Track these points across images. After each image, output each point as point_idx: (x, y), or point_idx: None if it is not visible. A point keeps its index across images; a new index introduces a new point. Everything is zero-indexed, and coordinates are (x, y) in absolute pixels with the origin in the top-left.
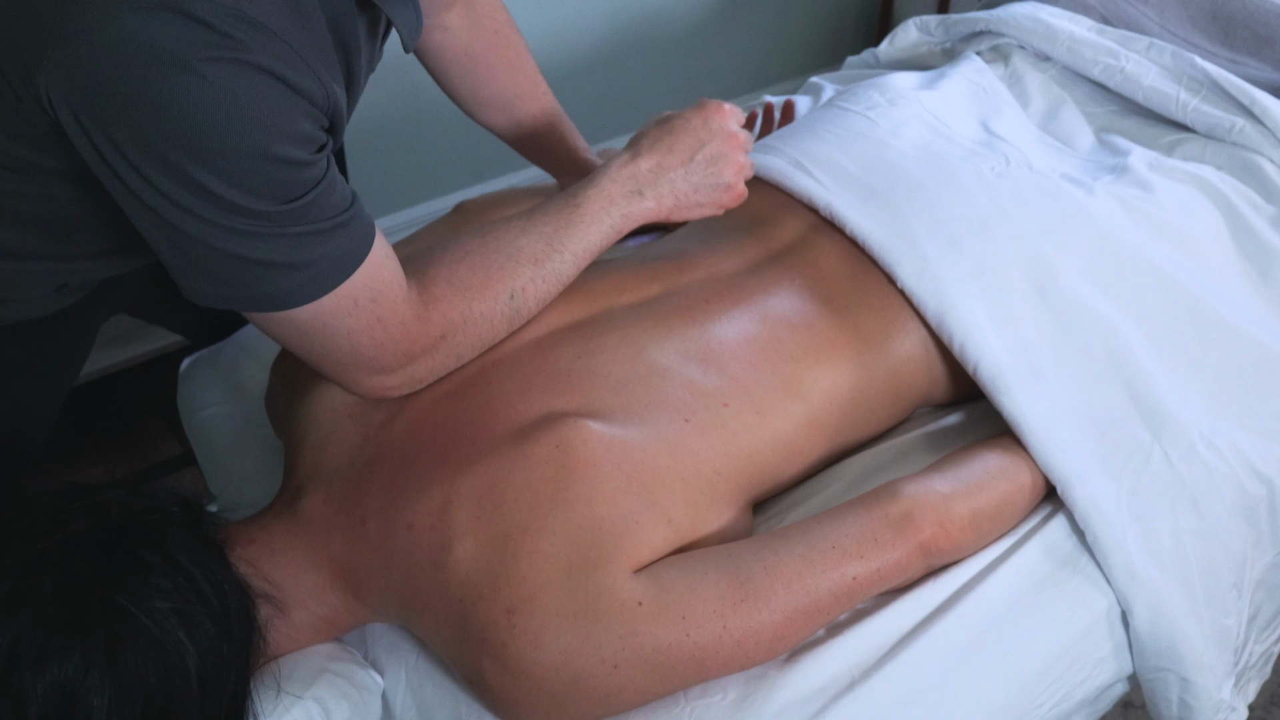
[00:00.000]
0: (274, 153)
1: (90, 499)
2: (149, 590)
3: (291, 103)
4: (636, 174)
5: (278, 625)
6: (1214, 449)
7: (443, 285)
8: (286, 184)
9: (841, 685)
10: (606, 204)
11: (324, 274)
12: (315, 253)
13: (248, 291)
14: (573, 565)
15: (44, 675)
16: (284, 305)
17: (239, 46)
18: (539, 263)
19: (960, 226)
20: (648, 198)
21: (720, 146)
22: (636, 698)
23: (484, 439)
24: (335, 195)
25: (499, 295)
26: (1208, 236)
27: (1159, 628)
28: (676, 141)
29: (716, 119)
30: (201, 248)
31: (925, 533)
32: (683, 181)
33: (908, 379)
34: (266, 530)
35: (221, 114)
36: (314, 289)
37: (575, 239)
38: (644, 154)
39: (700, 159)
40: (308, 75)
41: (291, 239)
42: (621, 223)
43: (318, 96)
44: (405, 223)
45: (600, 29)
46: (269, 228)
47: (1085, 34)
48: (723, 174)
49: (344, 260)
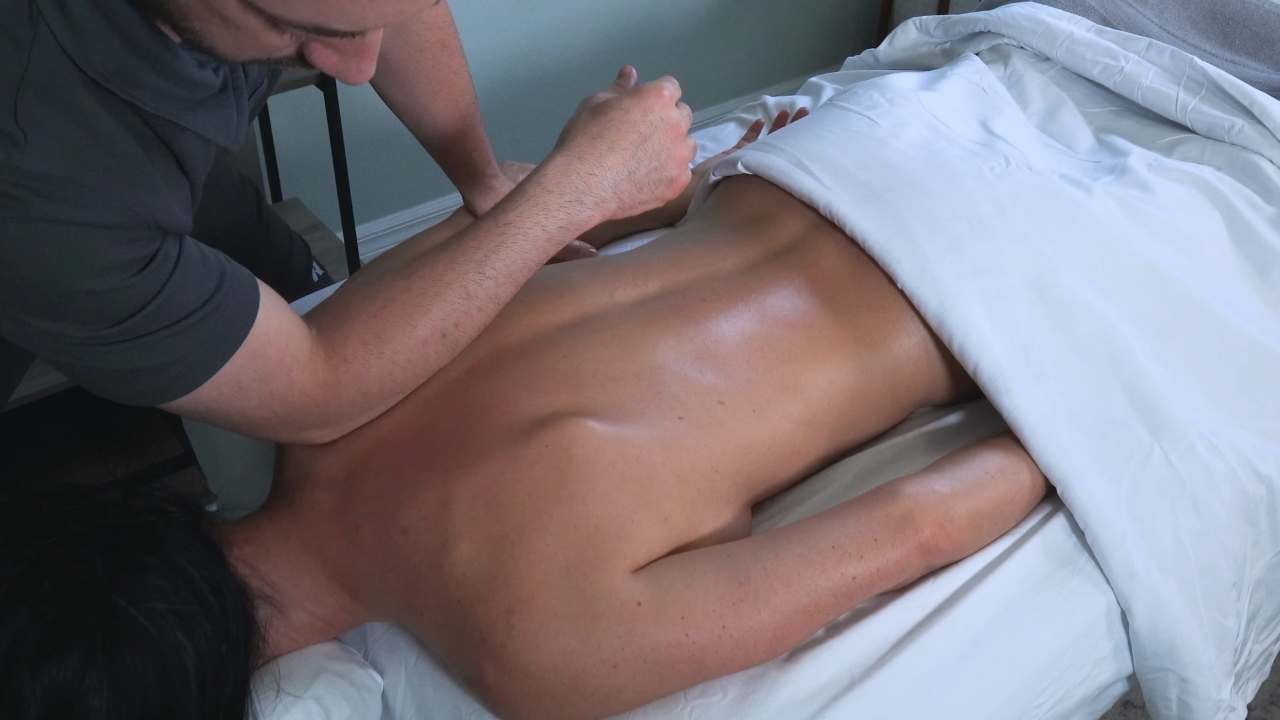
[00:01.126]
0: (84, 289)
1: (88, 500)
2: (147, 591)
3: (90, 240)
4: (574, 180)
5: (276, 625)
6: (1214, 449)
7: (355, 344)
8: (112, 306)
9: (841, 685)
10: (541, 217)
11: (192, 368)
12: (174, 351)
13: (122, 391)
14: (570, 565)
15: (42, 676)
16: (161, 400)
17: (17, 205)
18: (470, 295)
19: (960, 227)
20: (587, 204)
21: (663, 140)
22: (637, 697)
23: (477, 440)
24: (186, 294)
25: (428, 339)
26: (1207, 237)
27: (1158, 627)
28: (617, 138)
29: (657, 108)
30: (61, 363)
31: (925, 533)
32: (626, 182)
33: (907, 379)
34: (260, 532)
35: (14, 268)
36: (184, 383)
37: (509, 260)
38: (581, 155)
39: (643, 155)
40: (104, 206)
41: (143, 345)
42: (561, 234)
43: (124, 220)
44: (405, 223)
45: (600, 29)
46: (114, 343)
47: (1084, 34)
48: (666, 168)
49: (212, 351)
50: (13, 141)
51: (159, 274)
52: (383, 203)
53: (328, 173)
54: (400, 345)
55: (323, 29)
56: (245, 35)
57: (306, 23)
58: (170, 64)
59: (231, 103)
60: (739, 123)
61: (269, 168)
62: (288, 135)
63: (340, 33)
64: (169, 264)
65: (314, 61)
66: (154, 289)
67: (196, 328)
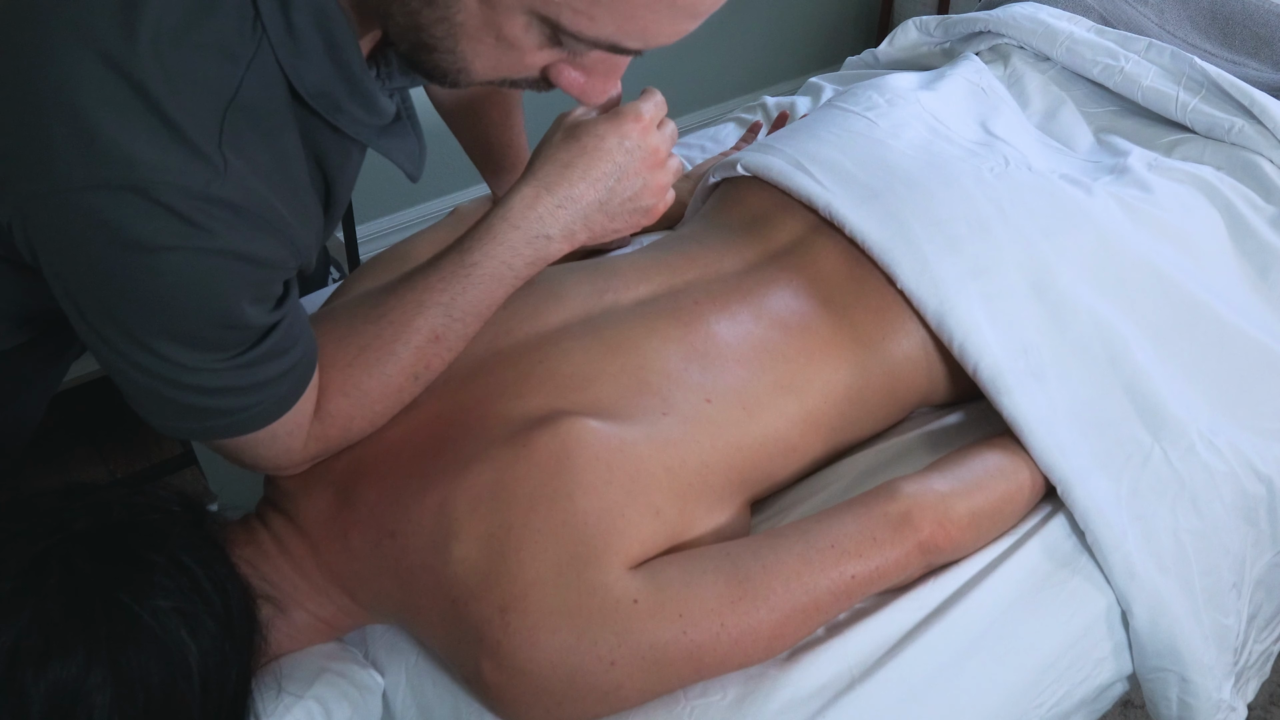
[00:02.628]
0: (228, 321)
1: (93, 498)
2: (152, 589)
3: (253, 277)
4: (540, 214)
5: (279, 625)
6: (1213, 449)
7: (338, 398)
8: (241, 339)
9: (842, 684)
10: (507, 255)
11: (261, 414)
12: (257, 396)
13: (180, 425)
14: (562, 562)
15: (46, 674)
16: (209, 439)
17: (202, 233)
18: (440, 338)
19: (960, 227)
20: (555, 239)
21: (640, 169)
22: (635, 695)
23: (461, 445)
24: (287, 341)
25: (402, 384)
26: (1207, 236)
27: (1159, 627)
28: (589, 168)
29: (635, 135)
30: (142, 386)
31: (924, 532)
32: (598, 213)
33: (906, 379)
34: (261, 533)
35: (177, 295)
36: (248, 426)
37: (476, 300)
38: (549, 185)
39: (617, 187)
40: (276, 244)
41: (239, 388)
42: (528, 269)
43: (286, 259)
44: (405, 223)
45: None
46: (221, 379)
47: (1084, 34)
48: (641, 199)
49: (282, 401)
50: (214, 169)
51: (284, 309)
52: (383, 203)
53: None
54: (377, 394)
55: (614, 46)
56: (513, 55)
57: (602, 40)
58: (368, 89)
59: (410, 130)
60: (739, 123)
61: None
62: None
63: (627, 50)
64: (290, 300)
65: (559, 82)
66: (274, 321)
67: (283, 376)
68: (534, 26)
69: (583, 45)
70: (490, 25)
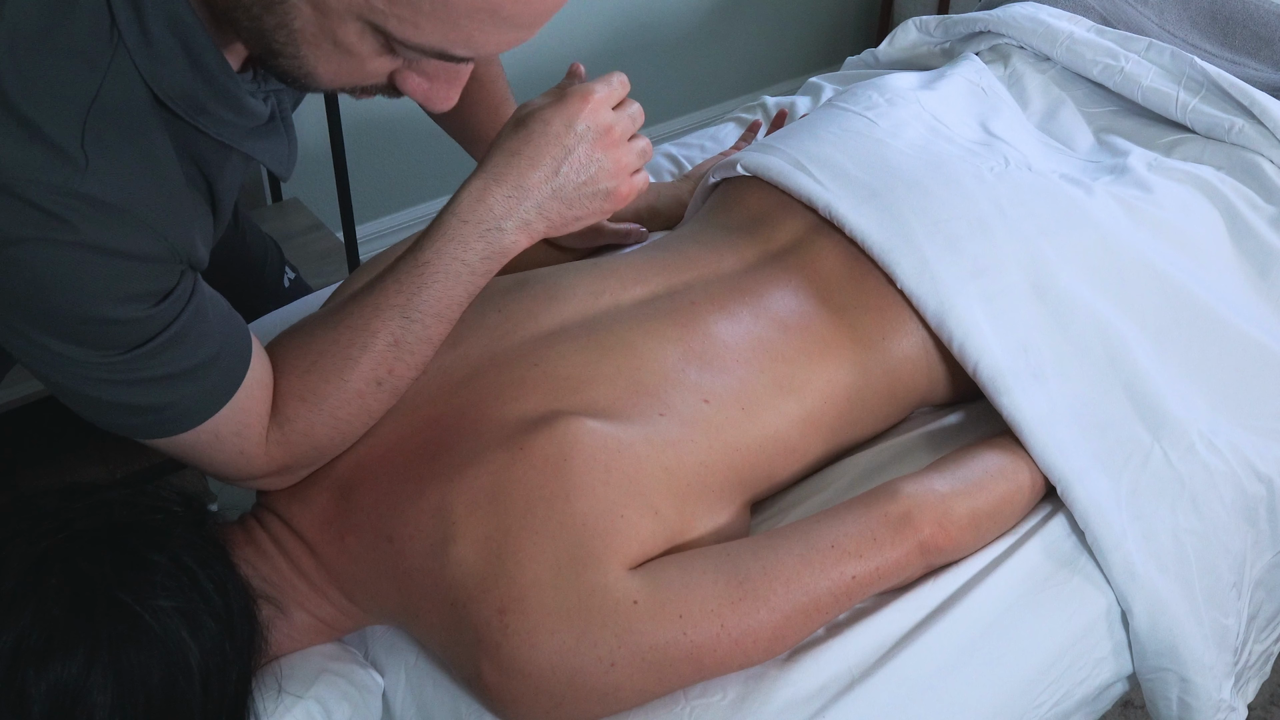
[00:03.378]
0: (107, 316)
1: (94, 498)
2: (153, 589)
3: (125, 269)
4: (491, 208)
5: (279, 626)
6: (1213, 449)
7: (295, 402)
8: (127, 335)
9: (842, 684)
10: (459, 251)
11: (184, 413)
12: (172, 393)
13: (111, 421)
14: (561, 563)
15: (47, 673)
16: (144, 437)
17: (62, 226)
18: (398, 342)
19: (960, 227)
20: (508, 231)
21: (590, 151)
22: (635, 696)
23: (458, 449)
24: (194, 333)
25: (363, 390)
26: (1207, 236)
27: (1159, 627)
28: (536, 155)
29: (582, 117)
30: (57, 384)
31: (924, 532)
32: (551, 200)
33: (906, 379)
34: (261, 533)
35: (42, 288)
36: (173, 426)
37: (433, 300)
38: (498, 176)
39: (567, 171)
40: (146, 239)
41: (145, 382)
42: (484, 264)
43: (160, 255)
44: (405, 223)
45: (600, 29)
46: (118, 373)
47: (1085, 34)
48: (599, 181)
49: (205, 399)
50: (75, 165)
51: (173, 307)
52: (383, 203)
53: (328, 173)
54: (336, 400)
55: (443, 54)
56: (353, 61)
57: (429, 47)
58: (233, 91)
59: (281, 132)
60: (738, 122)
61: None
62: None
63: (455, 58)
64: (184, 299)
65: (404, 88)
66: (167, 321)
67: (196, 371)
68: (367, 33)
69: (413, 52)
70: (326, 32)
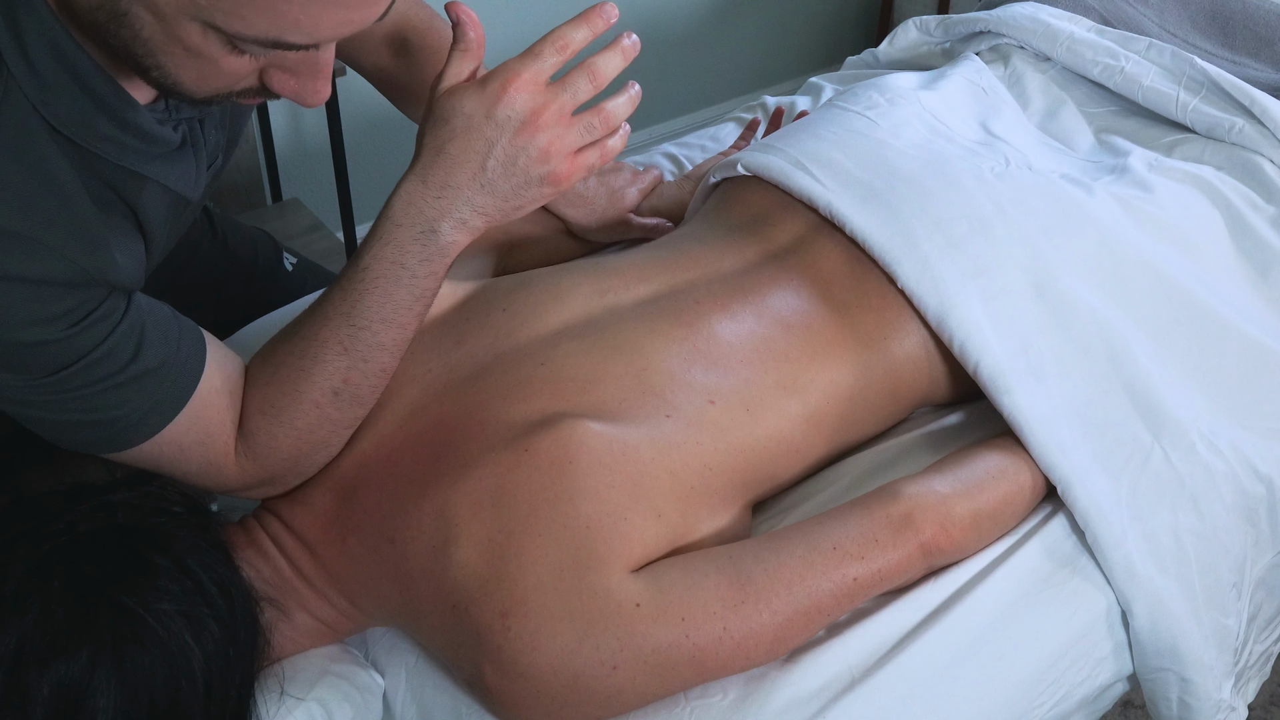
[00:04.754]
0: (19, 340)
1: (98, 500)
2: (156, 592)
3: (31, 294)
4: (422, 210)
5: (281, 628)
6: (1214, 449)
7: (256, 416)
8: (47, 358)
9: (842, 685)
10: (397, 255)
11: (134, 424)
12: (117, 407)
13: (68, 439)
14: (563, 566)
15: (50, 675)
16: (105, 452)
17: None
18: (349, 349)
19: (960, 227)
20: (444, 233)
21: (515, 140)
22: (637, 699)
23: (462, 450)
24: (130, 349)
25: (319, 400)
26: (1207, 236)
27: (1159, 627)
28: (460, 152)
29: (502, 104)
30: (9, 410)
31: (926, 534)
32: (483, 196)
33: (907, 379)
34: (262, 534)
35: None
36: (126, 438)
37: (377, 305)
38: (425, 177)
39: (494, 165)
40: (52, 262)
41: (84, 398)
42: (424, 267)
43: (69, 277)
44: None
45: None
46: (54, 393)
47: (1085, 34)
48: (530, 169)
49: (155, 410)
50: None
51: (100, 329)
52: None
53: (328, 173)
54: (294, 411)
55: (279, 43)
56: (208, 64)
57: (263, 38)
58: (130, 118)
59: (191, 157)
60: (738, 122)
61: (269, 168)
62: (288, 135)
63: (296, 46)
64: (112, 319)
65: (273, 87)
66: (93, 342)
67: (138, 383)
68: (209, 33)
69: (254, 46)
70: (173, 37)
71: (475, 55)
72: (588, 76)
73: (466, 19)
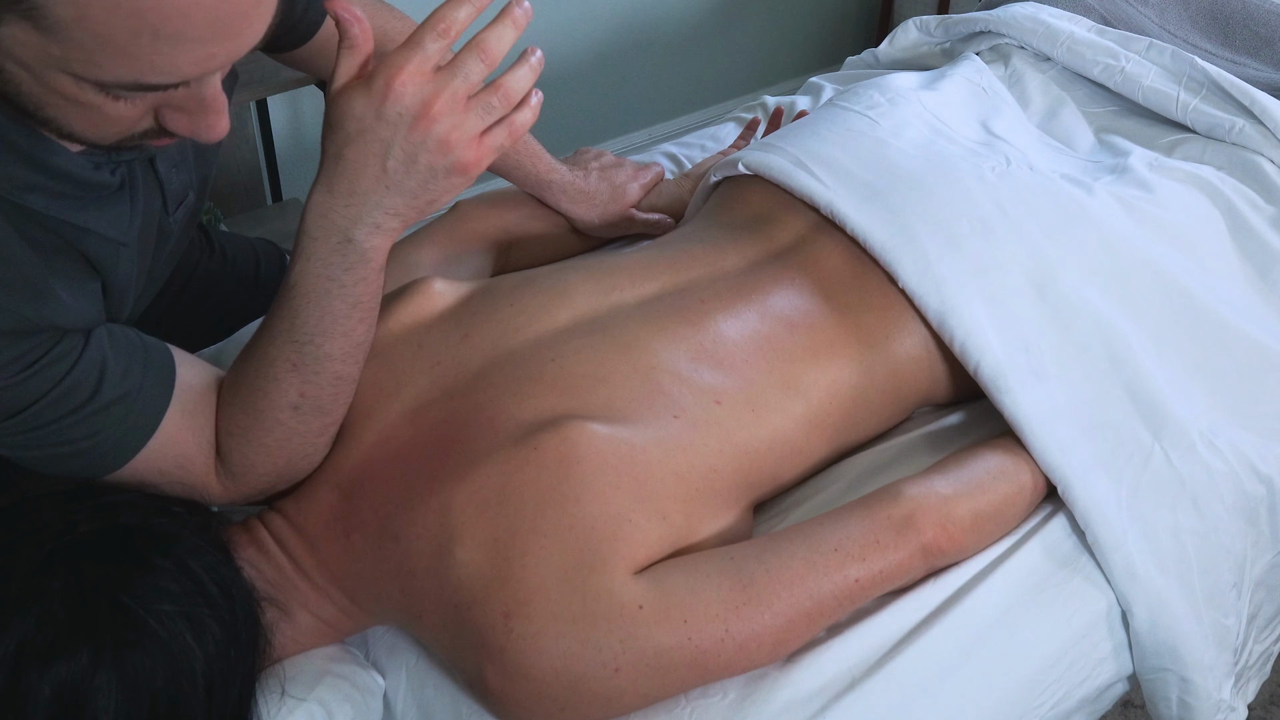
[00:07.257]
0: None
1: (99, 500)
2: (157, 593)
3: None
4: (334, 221)
5: (282, 629)
6: (1214, 449)
7: (225, 437)
8: (4, 402)
9: (842, 685)
10: (320, 268)
11: (106, 454)
12: (86, 440)
13: (51, 469)
14: (568, 567)
15: (51, 675)
16: (91, 477)
17: None
18: (297, 365)
19: (961, 226)
20: (359, 240)
21: (412, 135)
22: (638, 700)
23: (469, 447)
24: (89, 385)
25: (280, 417)
26: (1208, 236)
27: (1159, 627)
28: (358, 156)
29: (390, 103)
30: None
31: (927, 534)
32: (392, 197)
33: (909, 379)
34: (263, 534)
35: None
36: (102, 466)
37: (314, 319)
38: (330, 186)
39: (394, 165)
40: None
41: (50, 434)
42: (351, 275)
43: (10, 326)
44: None
45: (600, 29)
46: (19, 433)
47: (1085, 34)
48: (436, 161)
49: (124, 439)
50: None
51: (55, 369)
52: None
53: None
54: (259, 430)
55: (143, 85)
56: (93, 112)
57: (126, 81)
58: (57, 164)
59: (126, 198)
60: (738, 122)
61: (269, 168)
62: (288, 135)
63: (159, 86)
64: (68, 359)
65: (169, 126)
66: (49, 384)
67: (105, 414)
68: (80, 82)
69: (122, 91)
70: (50, 89)
71: (362, 51)
72: (478, 55)
73: (348, 15)
